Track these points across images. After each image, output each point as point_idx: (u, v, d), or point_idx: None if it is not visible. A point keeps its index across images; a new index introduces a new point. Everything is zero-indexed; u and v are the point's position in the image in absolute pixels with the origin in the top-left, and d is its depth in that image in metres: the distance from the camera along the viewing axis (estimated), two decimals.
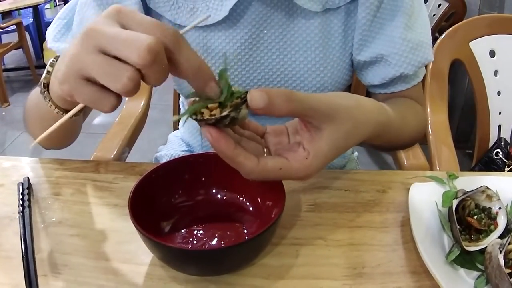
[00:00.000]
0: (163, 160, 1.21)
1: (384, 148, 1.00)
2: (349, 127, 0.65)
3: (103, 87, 0.53)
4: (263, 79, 0.94)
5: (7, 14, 5.58)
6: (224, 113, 0.57)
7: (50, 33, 0.97)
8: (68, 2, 0.91)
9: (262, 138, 0.70)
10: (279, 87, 0.95)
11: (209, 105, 0.58)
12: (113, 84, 0.52)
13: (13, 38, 5.31)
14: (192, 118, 0.59)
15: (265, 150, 0.68)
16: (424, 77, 1.02)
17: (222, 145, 0.58)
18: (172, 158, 1.16)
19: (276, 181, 0.68)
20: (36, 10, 5.59)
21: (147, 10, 0.94)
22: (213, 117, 0.57)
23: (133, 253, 0.70)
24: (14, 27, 5.21)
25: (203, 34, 0.92)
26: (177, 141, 1.31)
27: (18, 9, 5.31)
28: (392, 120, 0.80)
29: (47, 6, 7.38)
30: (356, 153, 1.29)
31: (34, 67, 5.09)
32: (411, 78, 0.96)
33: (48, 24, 5.77)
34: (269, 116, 0.61)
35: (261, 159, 0.61)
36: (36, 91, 0.84)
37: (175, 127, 1.64)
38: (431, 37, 0.95)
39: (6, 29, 5.37)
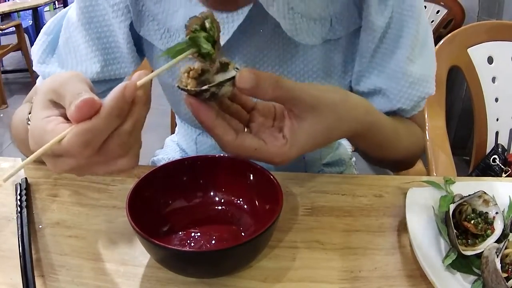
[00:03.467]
0: (160, 164, 1.21)
1: (373, 159, 0.96)
2: (330, 122, 0.66)
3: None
4: None
5: (6, 16, 5.59)
6: (204, 87, 0.59)
7: (35, 53, 0.94)
8: (67, 4, 0.90)
9: (249, 113, 0.70)
10: None
11: (191, 72, 0.60)
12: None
13: (12, 40, 5.32)
14: (178, 87, 0.61)
15: (246, 129, 0.68)
16: None
17: (202, 114, 0.61)
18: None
19: (274, 185, 0.69)
20: (36, 12, 5.61)
21: (138, 38, 0.92)
22: (193, 89, 0.59)
23: (131, 254, 0.70)
24: (13, 29, 5.21)
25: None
26: (174, 146, 1.31)
27: (17, 11, 5.32)
28: (382, 125, 0.81)
29: (47, 8, 7.37)
30: (354, 159, 1.28)
31: (33, 70, 5.09)
32: (410, 111, 0.93)
33: None
34: (253, 97, 0.63)
35: (240, 135, 0.63)
36: (22, 111, 0.82)
37: (173, 131, 1.65)
38: (435, 68, 0.92)
39: (5, 31, 5.37)
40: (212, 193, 0.77)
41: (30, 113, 0.65)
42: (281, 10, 0.80)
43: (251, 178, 0.74)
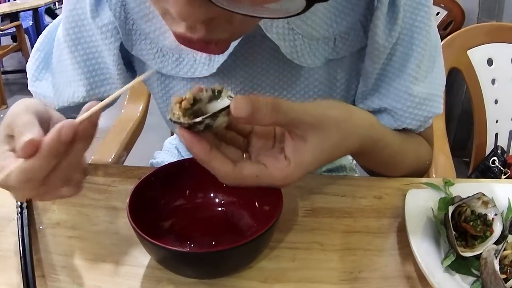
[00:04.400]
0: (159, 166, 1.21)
1: (377, 174, 0.92)
2: (335, 140, 0.64)
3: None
4: None
5: (7, 17, 5.59)
6: (198, 119, 0.56)
7: (29, 71, 0.94)
8: None
9: (246, 137, 0.67)
10: None
11: (182, 103, 0.58)
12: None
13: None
14: (169, 118, 0.59)
15: (245, 155, 0.66)
16: None
17: (196, 148, 0.58)
18: None
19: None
20: (36, 13, 5.61)
21: (128, 58, 0.90)
22: (186, 122, 0.57)
23: (131, 255, 0.70)
24: (13, 30, 5.22)
25: (191, 83, 0.87)
26: (172, 149, 1.31)
27: (18, 12, 5.32)
28: (388, 141, 0.79)
29: None
30: (354, 162, 1.28)
31: None
32: (417, 129, 0.90)
33: None
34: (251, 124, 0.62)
35: (238, 164, 0.60)
36: None
37: (172, 133, 1.65)
38: (443, 86, 0.89)
39: (5, 32, 5.38)
40: (212, 194, 0.78)
41: None
42: (281, 31, 0.78)
43: None
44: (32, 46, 0.97)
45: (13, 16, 5.45)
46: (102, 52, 0.87)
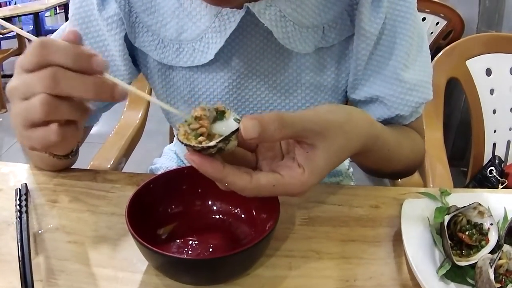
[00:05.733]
0: (158, 173, 1.22)
1: (376, 171, 0.96)
2: (341, 142, 0.65)
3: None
4: None
5: (7, 21, 5.60)
6: (212, 144, 0.56)
7: None
8: (68, 9, 0.92)
9: (254, 151, 0.68)
10: None
11: (198, 130, 0.58)
12: (33, 116, 0.60)
13: (13, 44, 5.33)
14: (179, 141, 0.58)
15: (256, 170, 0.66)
16: None
17: (209, 168, 0.58)
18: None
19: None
20: (37, 17, 5.62)
21: (132, 51, 0.93)
22: (199, 145, 0.56)
23: (129, 261, 0.71)
24: (14, 33, 5.22)
25: (190, 72, 0.91)
26: (172, 154, 1.31)
27: (18, 16, 5.33)
28: (386, 137, 0.80)
29: (48, 13, 7.41)
30: (351, 169, 1.29)
31: None
32: (409, 118, 0.93)
33: (48, 31, 5.80)
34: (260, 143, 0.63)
35: (254, 175, 0.60)
36: None
37: (171, 138, 1.66)
38: (431, 73, 0.92)
39: (6, 35, 5.39)
40: (210, 202, 0.78)
41: None
42: (273, 18, 0.82)
43: None
44: None
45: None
46: (109, 45, 0.90)
